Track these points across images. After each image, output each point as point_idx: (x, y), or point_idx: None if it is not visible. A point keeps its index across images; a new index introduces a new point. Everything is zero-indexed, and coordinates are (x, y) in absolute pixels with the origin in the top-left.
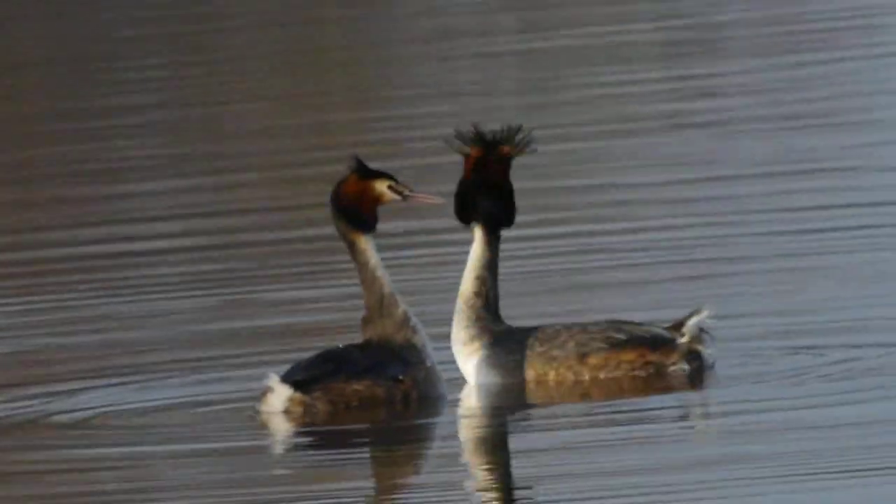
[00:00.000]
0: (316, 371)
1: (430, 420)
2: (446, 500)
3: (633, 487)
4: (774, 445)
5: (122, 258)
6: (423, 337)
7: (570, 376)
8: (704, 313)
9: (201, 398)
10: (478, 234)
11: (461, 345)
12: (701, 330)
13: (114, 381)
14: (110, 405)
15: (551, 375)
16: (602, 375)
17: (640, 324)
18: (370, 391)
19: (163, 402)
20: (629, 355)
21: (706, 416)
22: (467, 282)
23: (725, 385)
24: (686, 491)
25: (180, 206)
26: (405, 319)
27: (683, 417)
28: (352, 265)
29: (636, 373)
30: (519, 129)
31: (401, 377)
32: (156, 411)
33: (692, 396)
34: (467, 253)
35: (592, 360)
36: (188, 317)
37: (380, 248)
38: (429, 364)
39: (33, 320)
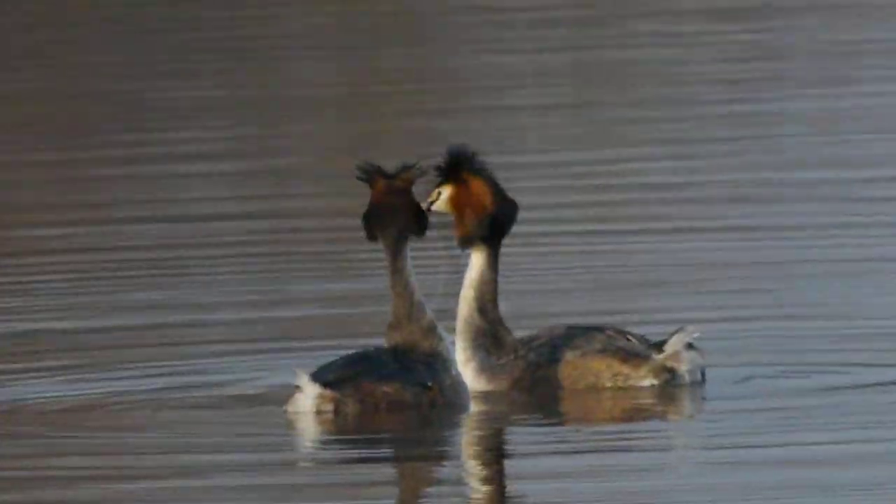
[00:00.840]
0: (346, 371)
1: (451, 430)
2: None
3: None
4: (761, 476)
5: (169, 248)
6: (448, 345)
7: (542, 381)
8: (689, 331)
9: (233, 393)
10: (478, 254)
11: (461, 363)
12: (689, 346)
13: (147, 370)
14: (140, 395)
15: (526, 381)
16: (569, 382)
17: (630, 334)
18: (399, 395)
19: (192, 393)
20: (598, 364)
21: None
22: (465, 301)
23: (721, 411)
24: None
25: (232, 195)
26: (432, 327)
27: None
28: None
29: (604, 382)
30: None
31: (429, 384)
32: (187, 404)
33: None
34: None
35: (562, 368)
36: (229, 307)
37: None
38: (454, 372)
39: (66, 303)
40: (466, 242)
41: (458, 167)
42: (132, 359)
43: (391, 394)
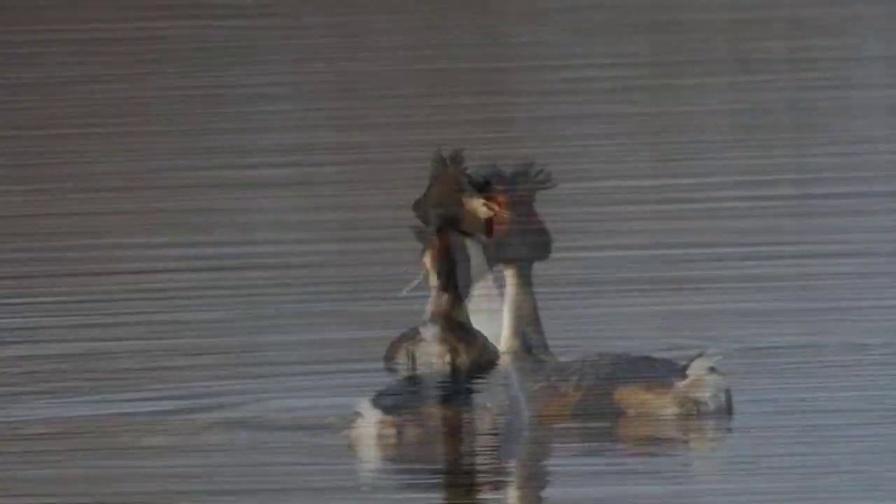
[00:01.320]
0: (406, 395)
1: (501, 456)
2: None
3: None
4: None
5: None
6: (506, 365)
7: (567, 409)
8: (711, 354)
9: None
10: (511, 272)
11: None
12: (711, 370)
13: (201, 391)
14: (195, 416)
15: (553, 408)
16: (598, 409)
17: (658, 361)
18: (458, 417)
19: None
20: (623, 392)
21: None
22: (503, 322)
23: (746, 440)
24: None
25: (298, 206)
26: (487, 348)
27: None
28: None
29: (628, 410)
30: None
31: (488, 404)
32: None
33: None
34: None
35: (590, 395)
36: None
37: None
38: (512, 393)
39: (126, 321)
40: (497, 260)
41: (498, 184)
42: (189, 378)
43: (451, 416)
